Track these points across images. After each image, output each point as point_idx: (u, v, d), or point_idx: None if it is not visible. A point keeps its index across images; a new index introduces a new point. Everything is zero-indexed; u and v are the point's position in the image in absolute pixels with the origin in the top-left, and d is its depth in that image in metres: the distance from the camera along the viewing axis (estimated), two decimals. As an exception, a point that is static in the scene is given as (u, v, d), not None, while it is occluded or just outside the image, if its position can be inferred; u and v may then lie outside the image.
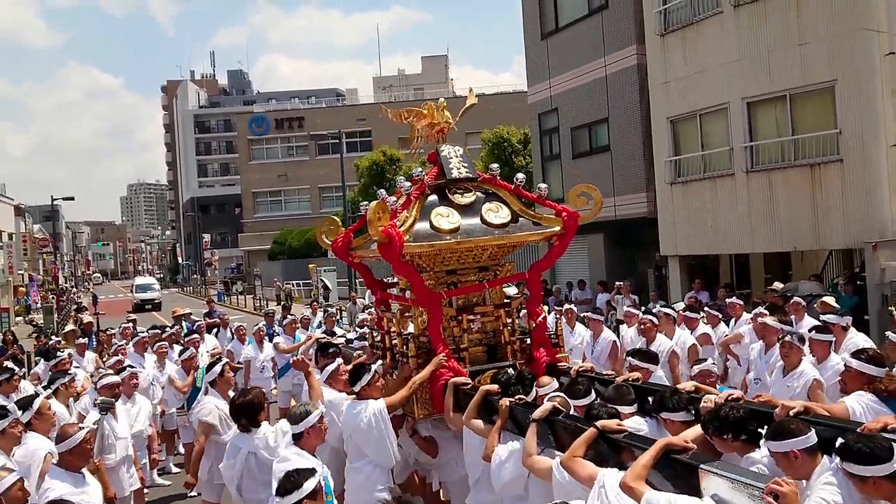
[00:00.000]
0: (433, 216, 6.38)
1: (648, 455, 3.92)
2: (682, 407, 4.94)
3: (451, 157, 6.85)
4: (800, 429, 4.05)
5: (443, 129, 7.10)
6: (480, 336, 6.72)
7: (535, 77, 23.94)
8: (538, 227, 6.77)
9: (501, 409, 5.27)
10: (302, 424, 5.04)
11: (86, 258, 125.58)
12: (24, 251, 48.14)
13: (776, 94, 15.73)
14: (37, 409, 6.18)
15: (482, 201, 6.68)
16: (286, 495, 4.02)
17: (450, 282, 6.64)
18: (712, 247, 17.87)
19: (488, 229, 6.48)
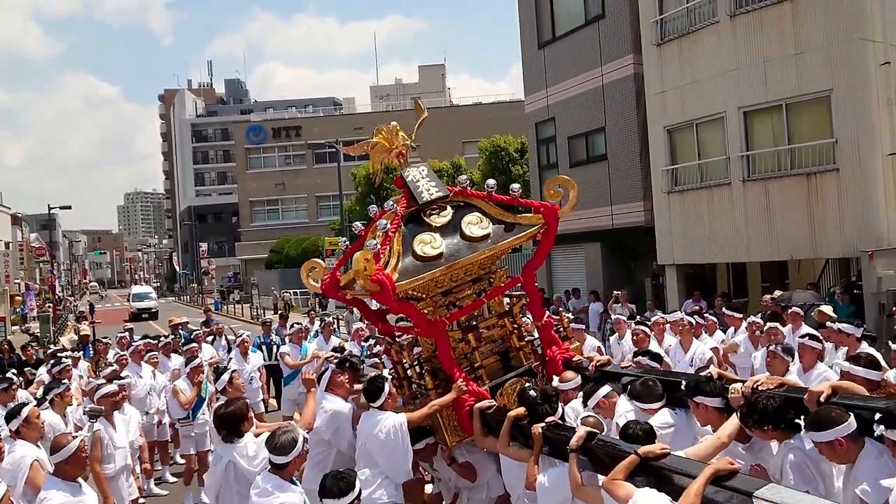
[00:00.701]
0: (416, 245, 6.26)
1: (698, 484, 3.80)
2: (718, 393, 4.93)
3: (418, 180, 6.68)
4: (840, 416, 4.09)
5: (401, 151, 6.94)
6: (491, 347, 6.66)
7: (532, 86, 24.00)
8: (521, 227, 6.63)
9: (535, 437, 5.13)
10: (291, 455, 4.82)
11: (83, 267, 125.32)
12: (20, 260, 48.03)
13: (772, 104, 15.78)
14: (25, 418, 6.14)
15: (460, 216, 6.55)
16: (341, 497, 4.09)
17: (447, 302, 6.55)
18: (709, 256, 17.89)
19: (473, 245, 6.36)
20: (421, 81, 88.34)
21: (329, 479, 4.28)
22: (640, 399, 5.54)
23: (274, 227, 61.53)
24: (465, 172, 45.03)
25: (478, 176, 43.02)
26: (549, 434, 5.12)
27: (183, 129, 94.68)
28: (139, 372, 10.60)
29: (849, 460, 4.10)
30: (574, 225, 22.23)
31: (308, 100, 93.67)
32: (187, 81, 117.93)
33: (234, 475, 5.55)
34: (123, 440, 7.38)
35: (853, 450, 4.08)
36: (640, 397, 5.54)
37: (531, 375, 6.55)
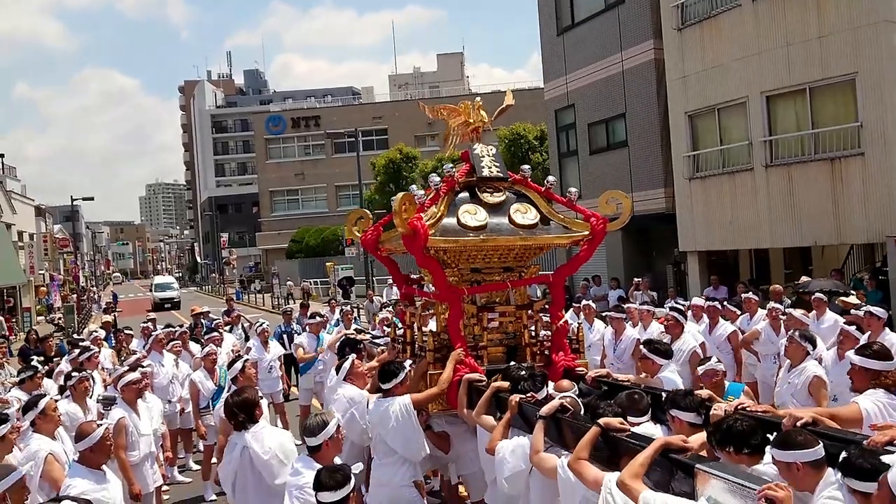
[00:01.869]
0: (461, 213, 6.41)
1: (646, 453, 3.86)
2: (692, 408, 4.80)
3: (483, 156, 6.84)
4: (808, 441, 3.90)
5: (477, 128, 7.08)
6: (501, 336, 6.70)
7: (551, 73, 23.86)
8: (566, 230, 6.74)
9: (511, 404, 5.25)
10: (321, 436, 4.84)
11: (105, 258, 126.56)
12: (45, 251, 48.51)
13: (796, 88, 15.59)
14: (41, 410, 6.15)
15: (511, 202, 6.69)
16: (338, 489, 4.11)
17: (474, 279, 6.64)
18: (731, 242, 17.74)
19: (515, 229, 6.49)
20: (439, 70, 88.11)
21: (324, 472, 4.27)
22: (625, 410, 5.47)
23: (294, 216, 61.74)
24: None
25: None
26: (524, 406, 5.19)
27: (203, 121, 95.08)
28: (161, 361, 10.66)
29: (805, 488, 3.86)
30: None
31: (327, 89, 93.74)
32: (207, 73, 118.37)
33: (249, 461, 5.57)
34: (147, 428, 7.44)
35: (811, 477, 3.84)
36: (623, 408, 5.46)
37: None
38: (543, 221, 6.67)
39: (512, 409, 5.23)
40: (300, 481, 4.72)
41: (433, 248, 6.27)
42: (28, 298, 40.09)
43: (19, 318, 35.71)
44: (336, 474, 4.19)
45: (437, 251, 6.36)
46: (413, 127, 58.77)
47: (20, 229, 40.50)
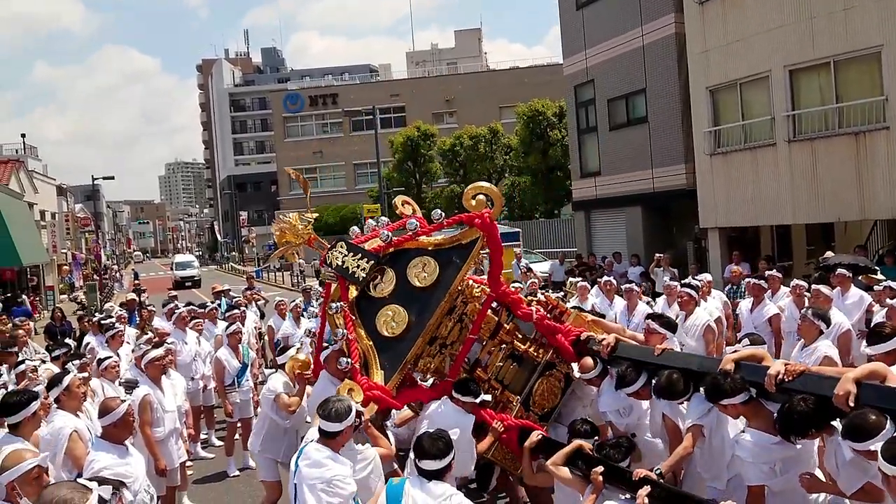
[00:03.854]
0: (383, 329, 6.14)
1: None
2: (739, 388, 4.78)
3: (344, 262, 6.52)
4: (877, 424, 3.92)
5: (310, 239, 6.85)
6: (499, 355, 6.53)
7: (570, 48, 23.63)
8: (465, 249, 6.28)
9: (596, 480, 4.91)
10: (342, 423, 4.74)
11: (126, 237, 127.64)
12: (66, 230, 48.95)
13: (820, 61, 15.34)
14: (66, 386, 6.17)
15: (402, 270, 6.33)
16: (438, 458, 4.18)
17: (438, 347, 6.33)
18: (753, 218, 17.58)
19: (432, 297, 6.13)
20: (457, 46, 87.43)
21: (426, 439, 4.30)
22: (665, 396, 5.43)
23: (312, 194, 61.32)
24: (503, 137, 45.00)
25: (516, 141, 42.83)
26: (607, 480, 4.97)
27: (221, 99, 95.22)
28: (184, 338, 10.75)
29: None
30: (614, 189, 22.01)
31: (344, 67, 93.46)
32: (224, 51, 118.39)
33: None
34: (172, 404, 7.51)
35: None
36: (661, 392, 5.42)
37: (551, 368, 6.50)
38: (440, 260, 6.27)
39: (598, 485, 4.89)
40: (326, 474, 4.58)
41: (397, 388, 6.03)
42: (51, 277, 40.53)
43: (42, 297, 36.12)
44: (439, 441, 4.23)
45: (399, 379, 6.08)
46: (431, 104, 58.60)
47: (42, 209, 40.85)
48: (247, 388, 9.96)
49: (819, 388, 4.50)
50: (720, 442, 5.19)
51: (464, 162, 44.92)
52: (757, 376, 4.83)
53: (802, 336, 7.10)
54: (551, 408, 6.50)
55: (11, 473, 4.14)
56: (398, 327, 6.09)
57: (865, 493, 4.20)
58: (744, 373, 4.92)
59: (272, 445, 7.10)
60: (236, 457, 9.74)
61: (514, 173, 44.44)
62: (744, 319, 10.23)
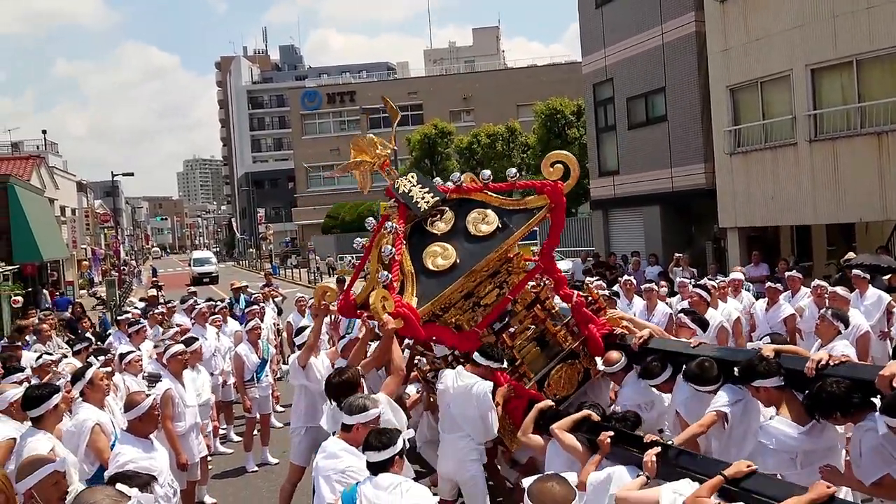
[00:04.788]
0: (427, 260, 6.10)
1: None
2: (773, 371, 4.78)
3: (410, 190, 6.53)
4: None
5: (385, 161, 6.76)
6: (526, 335, 6.52)
7: (589, 46, 23.56)
8: (528, 213, 6.30)
9: (603, 444, 5.02)
10: (355, 418, 4.77)
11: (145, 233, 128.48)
12: (86, 226, 49.31)
13: (842, 60, 15.21)
14: (89, 380, 6.25)
15: (463, 216, 6.33)
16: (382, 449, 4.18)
17: (471, 304, 6.34)
18: (773, 218, 17.46)
19: (485, 245, 6.14)
20: (475, 44, 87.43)
21: (373, 434, 4.34)
22: (697, 381, 5.43)
23: (329, 192, 62.03)
24: (521, 136, 44.91)
25: (533, 139, 42.72)
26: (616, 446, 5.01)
27: (239, 96, 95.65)
28: (204, 334, 10.80)
29: None
30: (633, 188, 21.93)
31: (362, 65, 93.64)
32: (243, 49, 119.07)
33: None
34: (193, 399, 7.58)
35: None
36: (693, 378, 5.41)
37: (574, 358, 6.49)
38: (502, 217, 6.28)
39: (604, 448, 5.00)
40: (339, 465, 4.63)
41: (426, 315, 5.98)
42: (71, 272, 40.86)
43: (62, 292, 36.44)
44: (383, 436, 4.25)
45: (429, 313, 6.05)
46: (448, 102, 58.59)
47: (62, 204, 41.19)
48: (266, 384, 10.02)
49: (858, 373, 4.55)
50: (741, 433, 5.20)
51: (481, 160, 44.85)
52: (795, 365, 4.83)
53: (820, 336, 7.09)
54: (563, 396, 6.47)
55: (30, 480, 4.12)
56: (443, 264, 6.08)
57: (883, 486, 4.21)
58: (782, 361, 4.92)
59: (314, 414, 7.04)
60: (255, 452, 9.80)
61: (532, 172, 44.33)
62: (759, 320, 10.18)
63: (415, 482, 4.28)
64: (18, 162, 34.33)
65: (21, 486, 4.11)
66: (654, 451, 4.58)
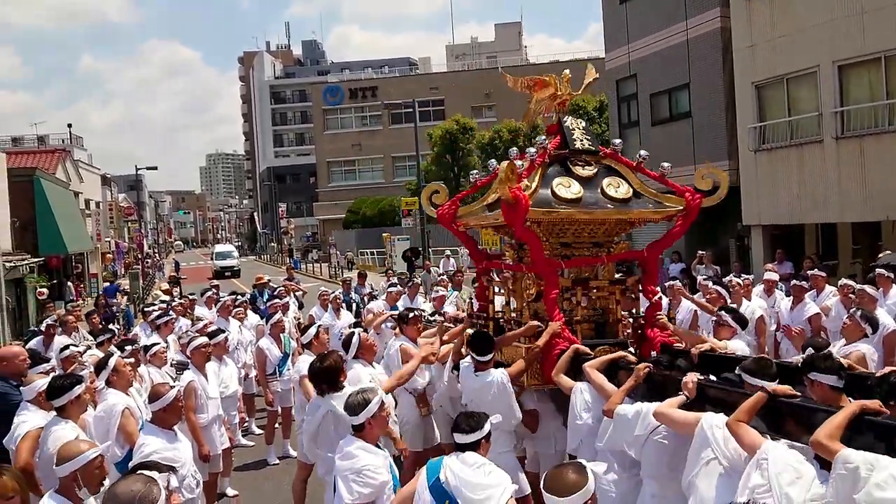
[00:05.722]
0: (555, 185, 6.33)
1: (843, 415, 3.83)
2: (833, 370, 4.66)
3: (574, 129, 6.78)
4: None
5: (564, 101, 6.99)
6: (589, 313, 6.56)
7: (613, 42, 23.43)
8: (659, 205, 6.61)
9: (638, 372, 5.29)
10: (362, 415, 4.74)
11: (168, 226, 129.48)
12: (110, 219, 49.82)
13: (870, 56, 15.03)
14: (113, 367, 6.41)
15: (603, 175, 6.59)
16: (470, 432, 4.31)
17: (562, 254, 6.54)
18: (798, 216, 17.29)
19: (609, 203, 6.40)
20: (497, 40, 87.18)
21: (462, 416, 4.47)
22: (752, 374, 5.37)
23: (351, 187, 62.22)
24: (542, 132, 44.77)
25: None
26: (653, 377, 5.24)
27: (262, 91, 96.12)
28: (227, 327, 10.88)
29: None
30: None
31: (384, 60, 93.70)
32: (266, 44, 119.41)
33: (333, 424, 5.68)
34: (215, 391, 7.63)
35: None
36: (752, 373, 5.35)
37: (623, 347, 6.47)
38: (635, 196, 6.55)
39: (639, 377, 5.27)
40: (357, 464, 4.62)
41: (530, 219, 6.16)
42: (95, 265, 41.32)
43: (87, 284, 36.84)
44: (471, 419, 4.37)
45: (531, 223, 6.23)
46: (470, 98, 58.50)
47: (87, 197, 41.64)
48: (287, 378, 10.05)
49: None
50: None
51: (503, 156, 44.77)
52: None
53: (845, 336, 7.01)
54: None
55: (75, 462, 4.18)
56: (565, 194, 6.32)
57: None
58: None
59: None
60: (276, 445, 9.86)
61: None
62: (783, 319, 10.08)
63: (498, 467, 4.34)
64: (44, 155, 34.76)
65: (64, 468, 4.17)
66: (695, 375, 4.86)
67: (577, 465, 3.61)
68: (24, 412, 5.81)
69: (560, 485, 3.43)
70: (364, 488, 4.55)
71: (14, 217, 24.23)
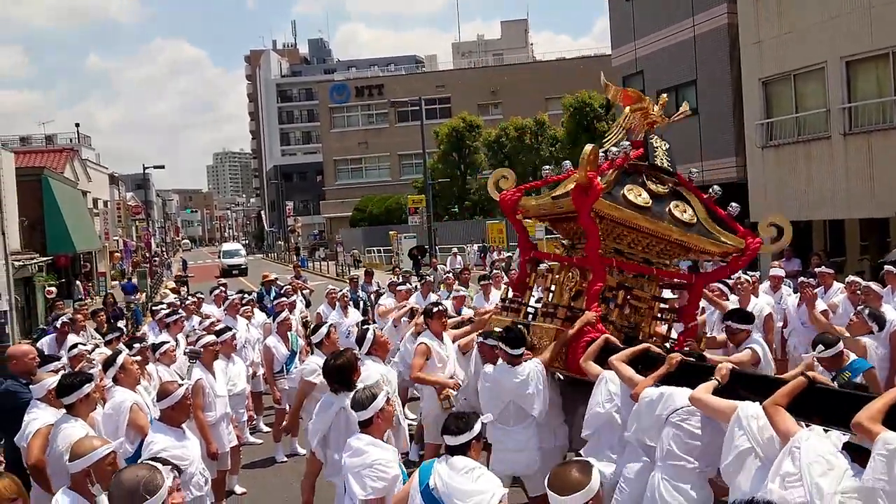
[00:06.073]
0: (626, 189, 6.44)
1: (884, 399, 3.87)
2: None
3: (658, 147, 6.93)
4: None
5: (654, 122, 7.09)
6: (623, 323, 6.56)
7: (619, 39, 23.40)
8: (718, 241, 6.65)
9: (671, 361, 5.32)
10: (370, 409, 4.76)
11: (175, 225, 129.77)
12: (118, 218, 49.97)
13: (878, 52, 14.99)
14: (121, 365, 6.45)
15: (672, 197, 6.70)
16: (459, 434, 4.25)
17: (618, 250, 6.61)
18: (805, 213, 17.24)
19: (673, 221, 6.49)
20: (503, 37, 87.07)
21: (451, 418, 4.43)
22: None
23: (357, 185, 62.27)
24: (549, 129, 44.70)
25: (562, 133, 42.54)
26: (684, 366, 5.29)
27: (268, 90, 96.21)
28: (234, 325, 10.90)
29: None
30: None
31: (390, 58, 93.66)
32: (272, 42, 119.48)
33: (344, 422, 5.67)
34: (223, 389, 7.65)
35: None
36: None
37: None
38: (698, 225, 6.63)
39: (672, 365, 5.30)
40: (367, 460, 4.63)
41: (595, 210, 6.24)
42: (103, 264, 41.43)
43: (95, 283, 36.97)
44: (460, 421, 4.31)
45: (595, 215, 6.30)
46: (476, 95, 58.48)
47: (95, 197, 41.74)
48: (294, 376, 10.07)
49: None
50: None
51: (509, 153, 44.77)
52: None
53: (851, 332, 7.03)
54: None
55: (88, 459, 4.22)
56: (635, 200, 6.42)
57: None
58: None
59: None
60: (284, 443, 9.88)
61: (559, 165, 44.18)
62: (791, 316, 10.08)
63: (488, 470, 4.33)
64: (52, 155, 34.86)
65: (77, 465, 4.21)
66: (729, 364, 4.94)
67: (582, 463, 3.59)
68: (35, 409, 5.87)
69: (564, 483, 3.41)
70: (377, 482, 4.56)
71: (22, 216, 24.30)
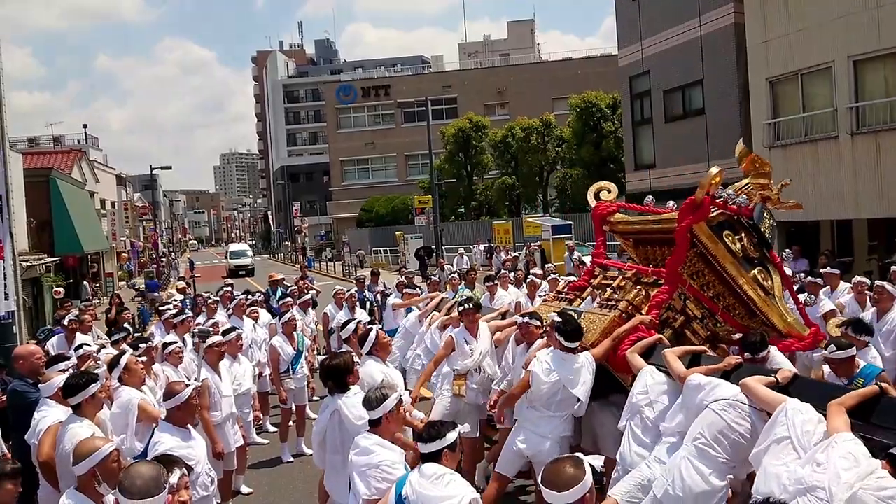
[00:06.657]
0: (725, 233, 6.67)
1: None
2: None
3: (767, 219, 7.27)
4: None
5: (768, 197, 7.24)
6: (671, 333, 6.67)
7: (626, 39, 23.37)
8: (786, 321, 6.68)
9: (730, 361, 5.40)
10: (379, 410, 4.77)
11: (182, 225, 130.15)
12: (125, 219, 50.13)
13: (886, 52, 14.93)
14: (125, 366, 6.51)
15: (760, 263, 6.83)
16: (430, 442, 4.23)
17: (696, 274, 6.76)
18: (813, 213, 17.16)
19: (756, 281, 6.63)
20: (510, 38, 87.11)
21: (426, 426, 4.43)
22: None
23: (364, 185, 62.30)
24: (556, 129, 44.65)
25: (568, 133, 42.49)
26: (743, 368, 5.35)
27: (275, 91, 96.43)
28: (241, 325, 10.92)
29: None
30: (670, 181, 21.72)
31: (396, 58, 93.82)
32: (279, 43, 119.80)
33: (338, 423, 5.69)
34: (228, 389, 7.66)
35: None
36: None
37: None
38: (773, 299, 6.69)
39: (729, 364, 5.36)
40: (374, 460, 4.64)
41: (694, 233, 6.45)
42: (111, 264, 41.54)
43: (102, 283, 37.08)
44: (431, 429, 4.32)
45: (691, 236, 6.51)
46: (482, 96, 58.47)
47: (103, 197, 41.86)
48: (301, 376, 10.09)
49: None
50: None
51: (515, 154, 44.75)
52: None
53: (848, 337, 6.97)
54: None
55: (91, 460, 4.23)
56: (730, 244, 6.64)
57: None
58: None
59: None
60: (290, 443, 9.88)
61: (567, 165, 44.15)
62: None
63: (459, 476, 4.30)
64: (60, 156, 34.94)
65: (81, 466, 4.22)
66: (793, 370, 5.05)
67: (575, 458, 3.60)
68: (45, 407, 5.91)
69: (558, 479, 3.42)
70: (382, 483, 4.56)
71: (30, 217, 24.36)
